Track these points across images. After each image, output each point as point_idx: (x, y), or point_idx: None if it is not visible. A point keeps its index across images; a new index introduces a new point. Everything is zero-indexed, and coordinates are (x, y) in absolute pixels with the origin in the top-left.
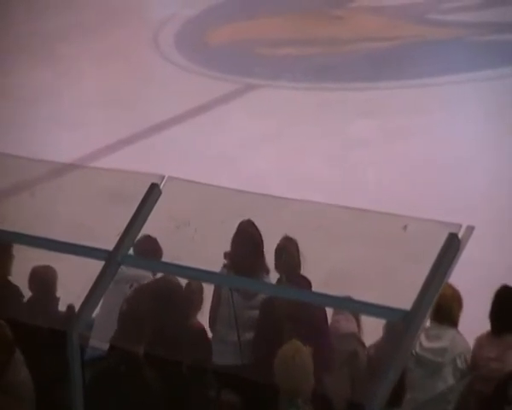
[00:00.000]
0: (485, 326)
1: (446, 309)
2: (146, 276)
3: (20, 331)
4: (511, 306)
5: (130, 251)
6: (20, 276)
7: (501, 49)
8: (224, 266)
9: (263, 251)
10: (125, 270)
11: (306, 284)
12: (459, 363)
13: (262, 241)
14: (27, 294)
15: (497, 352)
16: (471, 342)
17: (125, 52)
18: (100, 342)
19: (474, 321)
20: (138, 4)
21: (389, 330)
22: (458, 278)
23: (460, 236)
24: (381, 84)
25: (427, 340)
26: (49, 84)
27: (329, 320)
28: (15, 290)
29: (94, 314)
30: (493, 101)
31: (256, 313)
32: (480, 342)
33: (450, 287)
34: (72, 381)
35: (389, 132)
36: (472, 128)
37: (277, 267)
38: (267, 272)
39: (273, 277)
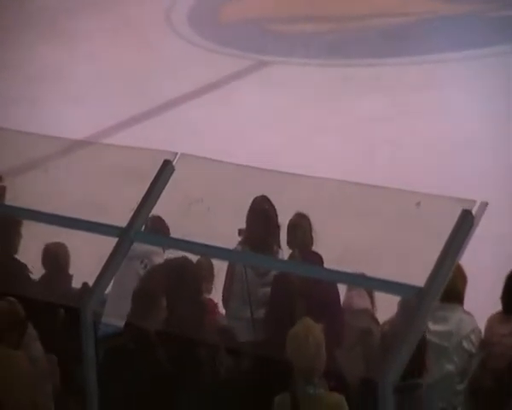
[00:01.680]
0: (499, 303)
1: (452, 287)
2: (157, 252)
3: (32, 309)
4: None
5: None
6: (33, 253)
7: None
8: (239, 243)
9: (278, 227)
10: (136, 246)
11: (318, 260)
12: (466, 345)
13: (277, 217)
14: (40, 271)
15: (510, 328)
16: (484, 319)
17: (137, 28)
18: (113, 318)
19: (488, 299)
20: None
21: (403, 307)
22: (472, 254)
23: (474, 212)
24: (394, 61)
25: (434, 322)
26: (61, 59)
27: (342, 297)
28: (25, 268)
29: (106, 291)
30: (507, 76)
31: (270, 289)
32: (492, 321)
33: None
34: (86, 357)
35: (402, 108)
36: (485, 104)
37: (290, 243)
38: (280, 248)
39: (285, 253)
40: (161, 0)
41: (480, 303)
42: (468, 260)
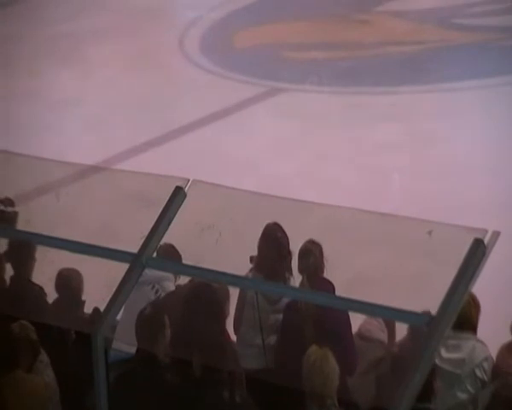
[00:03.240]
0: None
1: (465, 315)
2: (168, 278)
3: (45, 333)
4: None
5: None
6: (46, 278)
7: None
8: (251, 269)
9: (289, 254)
10: (147, 271)
11: (330, 287)
12: (479, 373)
13: (288, 244)
14: (53, 296)
15: None
16: (495, 347)
17: (151, 55)
18: (124, 344)
19: (500, 327)
20: (165, 8)
21: (413, 332)
22: (484, 283)
23: (486, 241)
24: (406, 89)
25: (446, 350)
26: (77, 86)
27: (358, 324)
28: (40, 292)
29: (118, 317)
30: None
31: (280, 316)
32: (503, 350)
33: (468, 293)
34: (97, 383)
35: (415, 137)
36: (498, 133)
37: (301, 270)
38: (292, 275)
39: (297, 280)
40: (175, 27)
41: (494, 331)
42: (481, 287)
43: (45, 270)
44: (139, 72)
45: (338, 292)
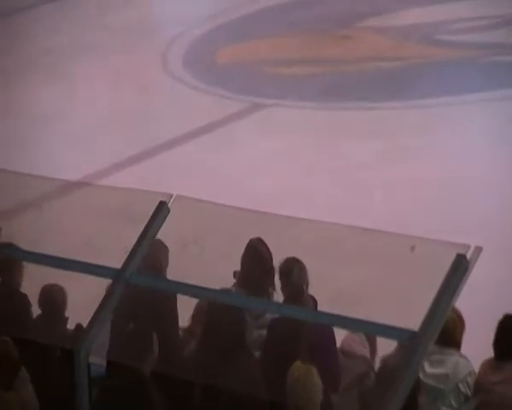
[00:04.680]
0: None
1: (449, 331)
2: None
3: (27, 349)
4: None
5: None
6: (29, 294)
7: (509, 71)
8: (234, 284)
9: (273, 269)
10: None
11: (313, 303)
12: (462, 388)
13: (272, 259)
14: (36, 311)
15: (502, 376)
16: (478, 363)
17: (135, 71)
18: (107, 360)
19: (482, 343)
20: (147, 24)
21: (396, 349)
22: (467, 298)
23: (468, 256)
24: (388, 105)
25: (430, 365)
26: (61, 102)
27: (340, 339)
28: (24, 308)
29: (102, 332)
30: (501, 122)
31: (264, 332)
32: (485, 367)
33: (453, 309)
34: (79, 399)
35: (398, 152)
36: (479, 149)
37: (284, 287)
38: (275, 290)
39: (280, 297)
40: (158, 44)
41: (476, 346)
42: (464, 303)
43: (28, 286)
44: (122, 88)
45: (321, 308)
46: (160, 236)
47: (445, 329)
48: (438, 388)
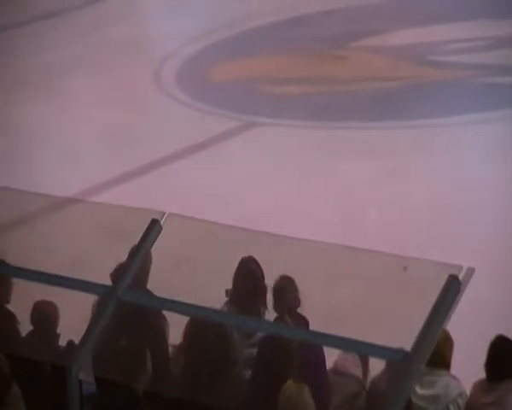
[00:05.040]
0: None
1: (439, 352)
2: None
3: (19, 366)
4: (506, 356)
5: None
6: (21, 310)
7: (503, 92)
8: (226, 303)
9: (264, 288)
10: None
11: (304, 323)
12: (452, 409)
13: (264, 278)
14: (28, 328)
15: (493, 397)
16: (469, 384)
17: (126, 88)
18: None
19: (473, 364)
20: (141, 40)
21: (389, 367)
22: (459, 318)
23: (460, 277)
24: (382, 125)
25: (421, 387)
26: (50, 118)
27: (333, 359)
28: (15, 324)
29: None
30: (495, 143)
31: (255, 351)
32: (476, 387)
33: (442, 330)
34: None
35: (391, 173)
36: (473, 170)
37: (276, 306)
38: (267, 309)
39: (271, 315)
40: (151, 60)
41: (467, 368)
42: (455, 324)
43: (20, 302)
44: (114, 104)
45: (313, 327)
46: (152, 253)
47: (435, 349)
48: (429, 409)
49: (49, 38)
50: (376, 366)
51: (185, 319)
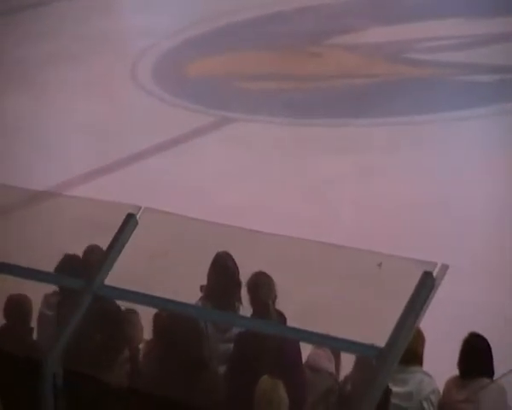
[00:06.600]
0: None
1: (412, 349)
2: None
3: None
4: (478, 354)
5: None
6: None
7: (476, 90)
8: (200, 298)
9: (239, 283)
10: None
11: (281, 318)
12: (426, 406)
13: (238, 273)
14: (1, 322)
15: (466, 394)
16: (443, 381)
17: (103, 82)
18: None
19: (447, 360)
20: (117, 35)
21: (360, 364)
22: (433, 315)
23: (434, 274)
24: (357, 121)
25: (394, 384)
26: (30, 111)
27: (307, 354)
28: None
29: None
30: (469, 141)
31: (230, 346)
32: (450, 384)
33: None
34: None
35: (365, 169)
36: (446, 167)
37: (252, 301)
38: (242, 304)
39: (246, 310)
40: (128, 55)
41: (440, 365)
42: (430, 322)
43: None
44: (91, 98)
45: (288, 322)
46: (127, 247)
47: (408, 346)
48: (402, 406)
49: (28, 33)
50: (349, 360)
51: None
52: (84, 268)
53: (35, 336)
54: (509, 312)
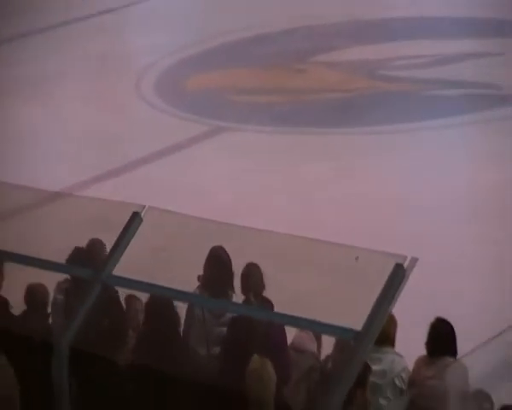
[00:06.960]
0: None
1: (385, 332)
2: None
3: (10, 341)
4: (444, 336)
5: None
6: (16, 292)
7: (443, 103)
8: (198, 287)
9: (232, 273)
10: None
11: (269, 305)
12: (397, 382)
13: (231, 264)
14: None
15: (434, 371)
16: (412, 360)
17: (109, 95)
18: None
19: (416, 343)
20: (123, 53)
21: (339, 346)
22: (404, 304)
23: (405, 266)
24: (338, 130)
25: (370, 363)
26: (39, 121)
27: (292, 336)
28: (6, 303)
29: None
30: (439, 147)
31: (224, 329)
32: (419, 363)
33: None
34: (58, 391)
35: (346, 172)
36: (419, 171)
37: (243, 290)
38: (234, 292)
39: (239, 297)
40: (132, 71)
41: (410, 348)
42: (401, 308)
43: (14, 284)
44: (98, 110)
45: (275, 309)
46: (133, 242)
47: (382, 329)
48: (377, 383)
49: (40, 52)
50: (329, 342)
51: None
52: (88, 259)
53: (51, 320)
54: (468, 297)
